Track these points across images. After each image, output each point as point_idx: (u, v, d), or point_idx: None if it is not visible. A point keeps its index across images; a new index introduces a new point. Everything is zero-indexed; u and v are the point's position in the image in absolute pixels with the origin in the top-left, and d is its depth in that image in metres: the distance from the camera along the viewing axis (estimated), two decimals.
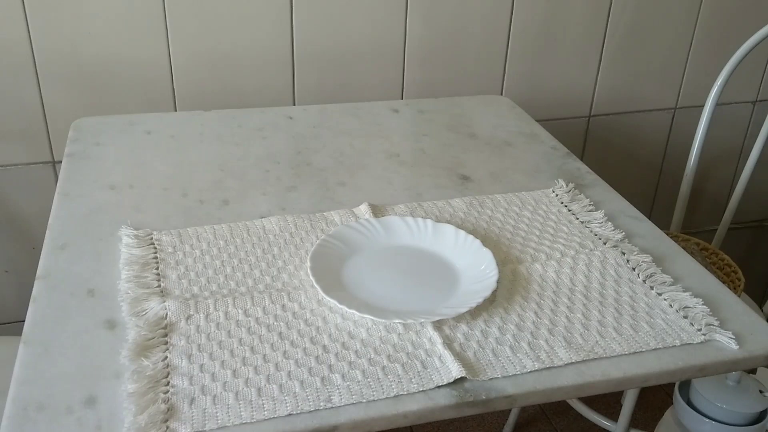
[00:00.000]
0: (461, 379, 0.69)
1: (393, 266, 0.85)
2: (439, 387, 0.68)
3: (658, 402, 1.75)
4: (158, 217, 0.92)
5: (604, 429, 1.60)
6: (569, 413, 1.71)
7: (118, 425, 0.62)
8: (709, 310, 0.79)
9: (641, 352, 0.73)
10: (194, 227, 0.90)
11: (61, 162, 1.07)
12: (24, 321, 0.74)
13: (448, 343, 0.73)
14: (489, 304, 0.78)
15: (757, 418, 1.16)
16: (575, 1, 1.47)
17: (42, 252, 0.85)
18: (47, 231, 0.89)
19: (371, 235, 0.89)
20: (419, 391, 0.67)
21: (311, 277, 0.79)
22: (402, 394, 0.67)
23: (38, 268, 0.82)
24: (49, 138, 1.32)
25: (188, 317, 0.75)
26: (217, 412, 0.64)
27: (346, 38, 1.38)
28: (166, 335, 0.72)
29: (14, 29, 1.22)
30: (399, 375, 0.69)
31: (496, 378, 0.69)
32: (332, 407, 0.65)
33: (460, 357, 0.71)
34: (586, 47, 1.53)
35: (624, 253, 0.88)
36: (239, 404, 0.65)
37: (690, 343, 0.75)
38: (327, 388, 0.67)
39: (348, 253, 0.86)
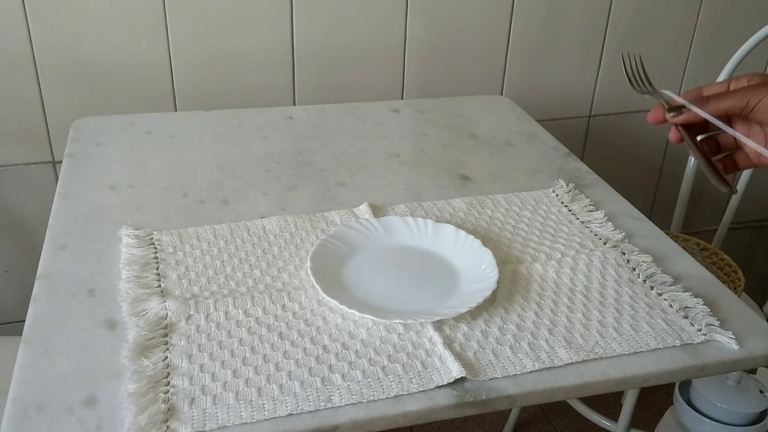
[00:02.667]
0: (461, 379, 0.69)
1: (393, 266, 0.85)
2: (439, 387, 0.68)
3: (658, 402, 1.75)
4: (158, 217, 0.92)
5: (604, 429, 1.60)
6: (569, 413, 1.71)
7: (118, 425, 0.62)
8: (709, 310, 0.79)
9: (641, 352, 0.73)
10: (194, 227, 0.90)
11: (61, 162, 1.07)
12: (24, 321, 0.74)
13: (449, 343, 0.73)
14: (489, 304, 0.78)
15: (757, 418, 1.16)
16: (575, 1, 1.47)
17: (42, 252, 0.85)
18: (47, 231, 0.89)
19: (371, 235, 0.89)
20: (419, 391, 0.67)
21: (311, 277, 0.79)
22: (402, 394, 0.67)
23: (38, 268, 0.82)
24: (50, 138, 1.32)
25: (188, 317, 0.75)
26: (217, 412, 0.64)
27: (346, 38, 1.38)
28: (166, 335, 0.72)
29: (14, 29, 1.22)
30: (399, 375, 0.69)
31: (496, 378, 0.69)
32: (332, 407, 0.65)
33: (460, 357, 0.71)
34: (586, 47, 1.53)
35: (624, 254, 0.88)
36: (239, 404, 0.65)
37: (690, 343, 0.75)
38: (327, 388, 0.67)
39: (348, 253, 0.86)
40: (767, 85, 0.67)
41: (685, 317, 0.78)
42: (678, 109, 0.70)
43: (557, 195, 1.02)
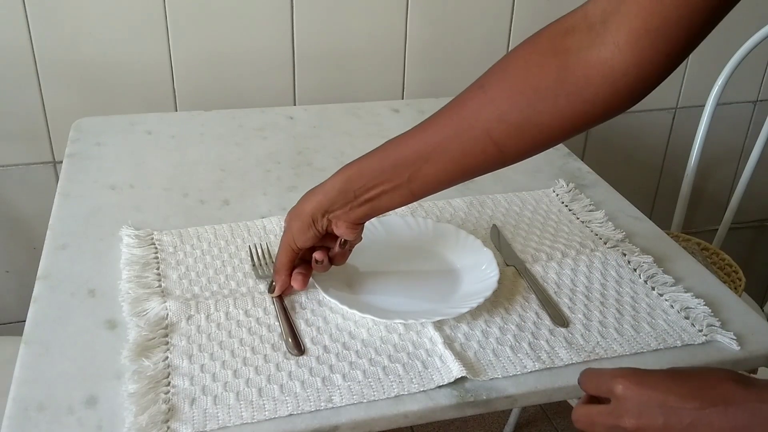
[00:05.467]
0: (462, 379, 0.68)
1: (393, 266, 0.85)
2: (439, 387, 0.68)
3: None
4: (159, 217, 0.92)
5: None
6: (570, 413, 1.71)
7: (118, 425, 0.62)
8: (710, 310, 0.79)
9: (642, 352, 0.73)
10: (195, 227, 0.90)
11: (61, 162, 1.07)
12: (25, 321, 0.74)
13: (449, 343, 0.73)
14: (490, 304, 0.78)
15: None
16: (576, 2, 1.47)
17: (43, 252, 0.85)
18: (48, 231, 0.88)
19: (371, 235, 0.88)
20: (420, 391, 0.67)
21: (312, 278, 0.79)
22: (403, 394, 0.67)
23: (39, 268, 0.82)
24: (50, 138, 1.32)
25: (189, 317, 0.75)
26: (217, 413, 0.64)
27: (347, 38, 1.38)
28: (166, 335, 0.72)
29: (15, 30, 1.22)
30: (400, 375, 0.69)
31: (496, 378, 0.69)
32: (333, 407, 0.65)
33: (460, 357, 0.71)
34: None
35: (625, 254, 0.88)
36: (240, 404, 0.65)
37: (691, 344, 0.75)
38: (328, 389, 0.67)
39: None
40: (290, 223, 0.75)
41: (686, 318, 0.78)
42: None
43: (557, 195, 1.01)
